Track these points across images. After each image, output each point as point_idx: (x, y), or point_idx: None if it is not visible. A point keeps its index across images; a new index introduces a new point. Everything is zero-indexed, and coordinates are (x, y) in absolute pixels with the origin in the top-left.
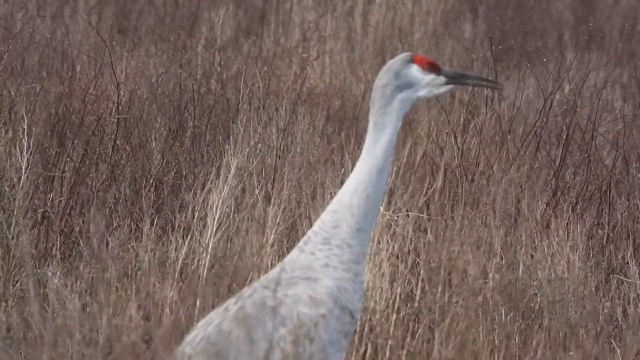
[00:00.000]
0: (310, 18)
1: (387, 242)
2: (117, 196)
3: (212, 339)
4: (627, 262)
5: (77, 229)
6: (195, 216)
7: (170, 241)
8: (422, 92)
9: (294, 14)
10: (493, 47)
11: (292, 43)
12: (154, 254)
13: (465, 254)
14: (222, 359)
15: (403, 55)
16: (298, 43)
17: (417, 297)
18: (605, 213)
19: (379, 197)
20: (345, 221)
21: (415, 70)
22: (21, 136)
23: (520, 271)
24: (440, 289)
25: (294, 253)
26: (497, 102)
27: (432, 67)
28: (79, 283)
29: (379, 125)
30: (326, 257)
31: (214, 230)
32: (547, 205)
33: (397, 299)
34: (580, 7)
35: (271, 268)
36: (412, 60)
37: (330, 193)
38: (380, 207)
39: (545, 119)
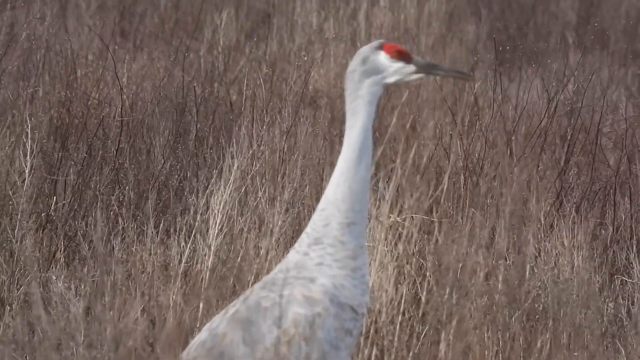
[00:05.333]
0: (314, 21)
1: (393, 244)
2: (120, 199)
3: (207, 343)
4: (631, 263)
5: (80, 233)
6: (198, 219)
7: (173, 244)
8: (390, 79)
9: (297, 17)
10: (497, 48)
11: (295, 46)
12: (158, 257)
13: (473, 255)
14: None
15: (374, 43)
16: (301, 46)
17: (423, 300)
18: (609, 214)
19: (363, 187)
20: (333, 218)
21: (382, 57)
22: (24, 140)
23: (527, 272)
24: (447, 291)
25: (290, 255)
26: (501, 103)
27: (401, 56)
28: (82, 286)
29: (352, 111)
30: (320, 257)
31: (216, 232)
32: (551, 207)
33: (403, 301)
34: (584, 7)
35: None
36: (382, 47)
37: None
38: (369, 198)
39: (549, 120)
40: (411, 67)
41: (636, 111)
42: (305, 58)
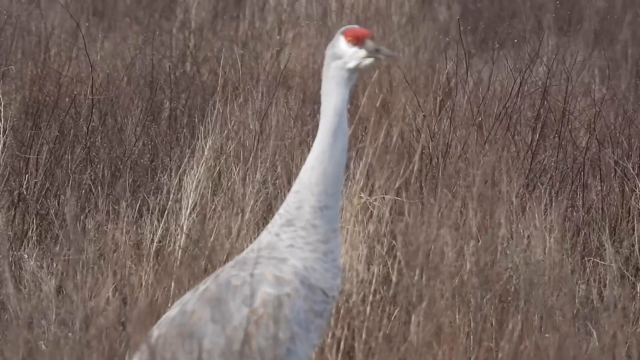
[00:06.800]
0: (285, 0)
1: (364, 224)
2: (93, 178)
3: (176, 320)
4: (603, 244)
5: (52, 211)
6: (171, 198)
7: (146, 223)
8: (350, 64)
9: None
10: (464, 29)
11: (267, 26)
12: (130, 236)
13: (443, 236)
14: (187, 340)
15: (342, 27)
16: (273, 25)
17: (394, 280)
18: (580, 196)
19: (337, 171)
20: (307, 201)
21: (342, 43)
22: None
23: (498, 253)
24: (417, 271)
25: (262, 235)
26: (471, 84)
27: (355, 41)
28: (54, 265)
29: (325, 93)
30: (291, 239)
31: (189, 212)
32: (523, 188)
33: (374, 281)
34: None
35: None
36: (344, 32)
37: None
38: (343, 182)
39: (516, 99)
40: (362, 52)
41: (608, 93)
42: (278, 37)
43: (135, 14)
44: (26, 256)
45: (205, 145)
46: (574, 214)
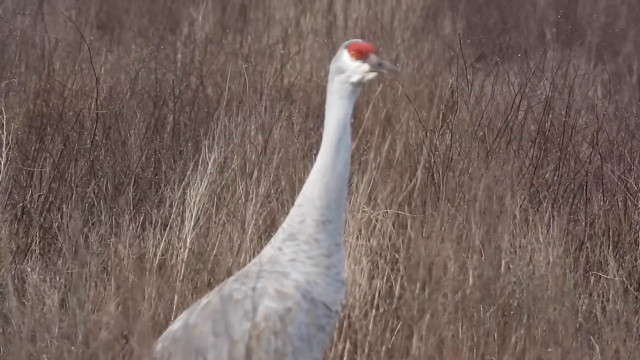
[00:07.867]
0: (291, 14)
1: (367, 238)
2: (96, 191)
3: (179, 334)
4: (606, 259)
5: (56, 224)
6: (174, 211)
7: (149, 236)
8: (354, 78)
9: (274, 10)
10: (468, 43)
11: (272, 39)
12: (133, 250)
13: (445, 250)
14: (190, 354)
15: (346, 42)
16: (278, 39)
17: (397, 294)
18: (582, 210)
19: (340, 185)
20: (309, 215)
21: (345, 56)
22: (0, 131)
23: (501, 267)
24: (420, 285)
25: (265, 249)
26: (474, 98)
27: (359, 55)
28: (57, 278)
29: (328, 107)
30: (293, 253)
31: (192, 225)
32: (525, 202)
33: (377, 295)
34: (562, 4)
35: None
36: (347, 46)
37: None
38: (346, 195)
39: (517, 113)
40: (365, 66)
41: (611, 107)
42: (282, 52)
43: (139, 27)
44: (29, 269)
45: (209, 159)
46: (577, 228)
